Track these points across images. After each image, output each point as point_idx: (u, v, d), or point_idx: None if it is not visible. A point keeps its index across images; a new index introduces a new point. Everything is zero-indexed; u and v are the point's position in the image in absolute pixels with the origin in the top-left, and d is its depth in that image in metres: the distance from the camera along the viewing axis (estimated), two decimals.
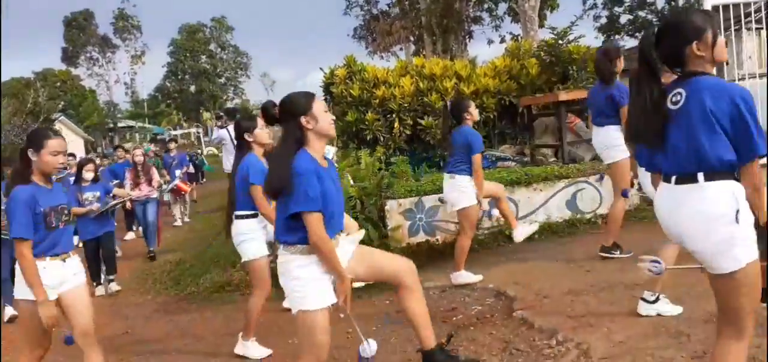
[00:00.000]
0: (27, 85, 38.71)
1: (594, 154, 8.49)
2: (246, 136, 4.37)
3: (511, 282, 5.24)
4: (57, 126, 37.22)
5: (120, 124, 54.96)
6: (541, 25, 20.21)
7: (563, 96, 8.23)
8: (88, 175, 7.17)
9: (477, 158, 5.23)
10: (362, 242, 3.63)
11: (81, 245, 8.41)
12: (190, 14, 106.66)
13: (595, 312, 4.20)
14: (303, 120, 2.91)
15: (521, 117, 9.81)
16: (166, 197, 11.90)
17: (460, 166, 5.34)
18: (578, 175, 7.24)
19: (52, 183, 3.56)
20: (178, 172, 11.74)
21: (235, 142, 4.74)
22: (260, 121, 4.36)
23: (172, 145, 13.75)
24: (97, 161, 11.74)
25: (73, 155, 10.96)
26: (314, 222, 2.84)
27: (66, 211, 3.55)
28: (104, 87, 62.55)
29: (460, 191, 5.35)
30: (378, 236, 6.15)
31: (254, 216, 4.35)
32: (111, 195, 7.47)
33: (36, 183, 3.44)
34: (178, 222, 12.24)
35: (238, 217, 4.36)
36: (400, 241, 6.44)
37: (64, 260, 3.49)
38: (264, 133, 4.43)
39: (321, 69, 10.31)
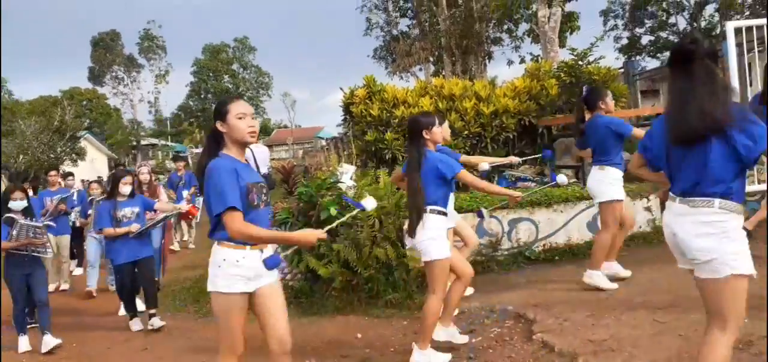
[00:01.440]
0: (54, 103, 39.52)
1: None
2: (424, 134, 4.26)
3: (531, 305, 5.19)
4: (82, 143, 38.00)
5: (143, 142, 55.78)
6: (562, 46, 20.21)
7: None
8: (125, 189, 6.31)
9: (638, 132, 5.11)
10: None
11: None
12: (213, 35, 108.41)
13: (617, 337, 4.13)
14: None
15: (541, 137, 9.76)
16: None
17: (608, 158, 5.27)
18: None
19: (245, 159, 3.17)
20: (185, 193, 10.70)
21: (410, 138, 4.56)
22: (437, 119, 4.40)
23: (180, 163, 12.51)
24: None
25: (71, 174, 10.87)
26: None
27: (265, 190, 3.16)
28: (129, 105, 63.61)
29: (610, 184, 5.26)
30: (396, 256, 6.13)
31: (444, 214, 4.25)
32: (153, 210, 6.74)
33: (232, 157, 3.07)
34: (175, 247, 11.43)
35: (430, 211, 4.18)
36: (419, 261, 6.40)
37: (261, 249, 3.07)
38: (440, 132, 4.39)
39: (341, 89, 10.40)
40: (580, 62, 9.30)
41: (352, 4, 53.86)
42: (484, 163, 6.10)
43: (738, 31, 7.08)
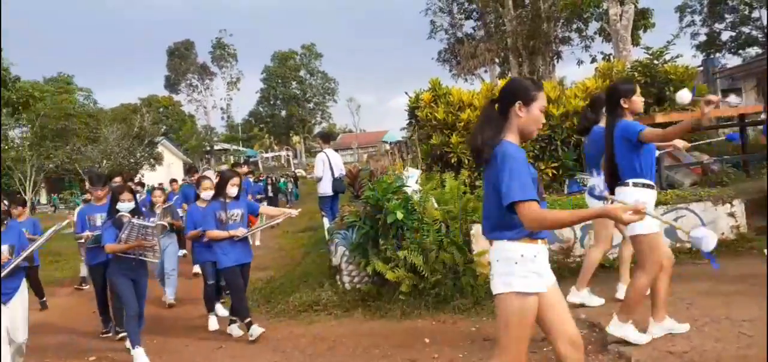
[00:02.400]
0: (134, 110, 41.71)
1: (694, 179, 8.03)
2: (622, 102, 4.16)
3: (606, 314, 5.00)
4: (159, 149, 39.89)
5: (216, 147, 57.95)
6: (636, 44, 19.43)
7: (660, 118, 7.84)
8: (232, 190, 5.98)
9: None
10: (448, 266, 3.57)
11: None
12: (282, 42, 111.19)
13: (699, 349, 3.92)
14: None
15: None
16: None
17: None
18: (678, 201, 6.84)
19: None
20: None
21: (608, 107, 4.29)
22: (637, 88, 4.23)
23: (244, 169, 11.73)
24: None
25: (141, 185, 10.81)
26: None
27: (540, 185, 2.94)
28: (202, 112, 66.49)
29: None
30: (463, 260, 6.08)
31: (649, 186, 4.08)
32: (256, 214, 6.56)
33: (517, 145, 2.86)
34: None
35: (633, 185, 4.03)
36: (486, 267, 6.32)
37: (545, 245, 2.89)
38: (640, 101, 4.24)
39: (406, 93, 10.41)
40: (655, 61, 8.91)
41: (417, 7, 53.94)
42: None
43: None
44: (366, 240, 6.49)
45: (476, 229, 6.41)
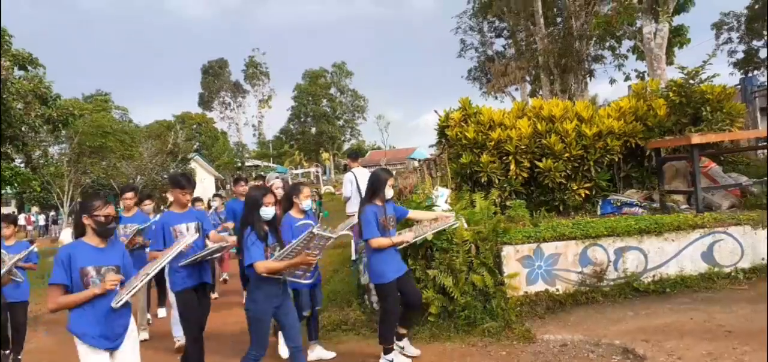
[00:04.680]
0: (168, 127, 42.54)
1: (732, 201, 7.79)
2: None
3: (640, 340, 4.87)
4: (192, 165, 40.57)
5: (247, 163, 58.70)
6: (670, 62, 19.07)
7: (696, 139, 7.65)
8: (305, 203, 5.55)
9: None
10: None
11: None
12: (313, 60, 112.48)
13: None
14: None
15: (649, 160, 9.23)
16: None
17: None
18: (715, 224, 6.64)
19: None
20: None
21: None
22: None
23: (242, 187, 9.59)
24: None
25: (199, 199, 9.79)
26: None
27: None
28: (234, 129, 67.58)
29: None
30: (493, 283, 5.99)
31: None
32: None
33: None
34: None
35: None
36: (517, 289, 6.23)
37: None
38: None
39: (436, 111, 10.38)
40: (691, 81, 8.72)
41: (447, 26, 54.07)
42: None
43: None
44: None
45: (507, 251, 6.33)
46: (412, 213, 5.71)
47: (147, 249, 6.78)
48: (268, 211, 4.46)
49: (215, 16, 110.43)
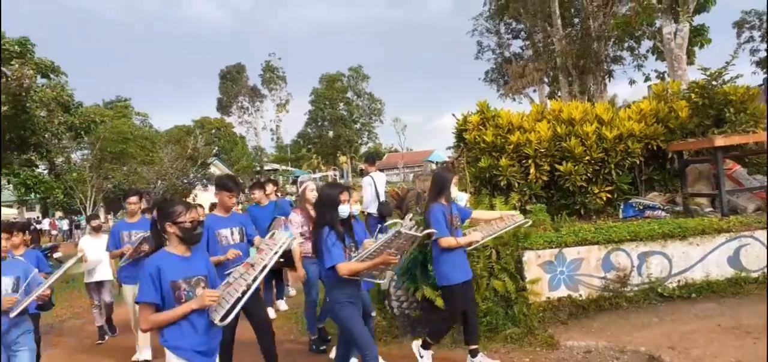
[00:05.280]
0: (187, 132, 42.96)
1: (758, 204, 7.65)
2: None
3: (666, 346, 4.80)
4: (211, 169, 40.90)
5: (266, 167, 59.07)
6: (690, 62, 18.82)
7: (720, 141, 7.53)
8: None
9: None
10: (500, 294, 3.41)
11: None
12: (330, 64, 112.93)
13: None
14: None
15: (671, 162, 9.11)
16: None
17: None
18: (741, 228, 6.53)
19: None
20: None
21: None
22: None
23: (270, 187, 8.91)
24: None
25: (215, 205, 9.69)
26: None
27: None
28: (253, 133, 68.02)
29: None
30: (515, 288, 5.94)
31: None
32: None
33: None
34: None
35: None
36: (539, 295, 6.18)
37: None
38: None
39: (453, 115, 10.34)
40: (713, 82, 8.58)
41: (463, 28, 53.93)
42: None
43: None
44: (415, 266, 6.43)
45: (528, 256, 6.29)
46: (476, 214, 5.54)
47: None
48: (345, 209, 4.26)
49: (233, 22, 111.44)
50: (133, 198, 6.70)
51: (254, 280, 3.46)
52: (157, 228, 3.44)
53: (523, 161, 9.06)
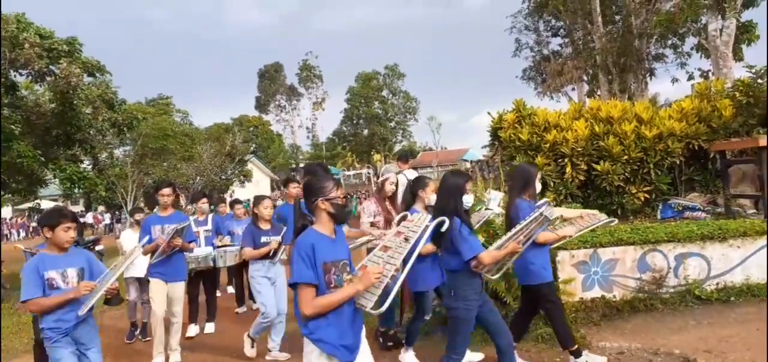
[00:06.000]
0: (226, 130, 43.69)
1: None
2: None
3: (702, 350, 4.69)
4: (249, 166, 41.56)
5: (301, 165, 59.67)
6: (739, 59, 18.21)
7: (764, 141, 7.30)
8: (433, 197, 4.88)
9: None
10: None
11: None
12: (366, 63, 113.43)
13: None
14: None
15: (713, 163, 8.87)
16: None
17: None
18: None
19: None
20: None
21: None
22: None
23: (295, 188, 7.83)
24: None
25: (238, 201, 9.46)
26: None
27: None
28: (289, 131, 68.86)
29: None
30: None
31: None
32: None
33: None
34: None
35: None
36: (573, 295, 6.10)
37: None
38: None
39: (488, 113, 10.28)
40: (759, 80, 8.32)
41: (500, 26, 53.36)
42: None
43: None
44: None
45: (562, 256, 6.21)
46: (559, 210, 5.36)
47: (188, 252, 6.36)
48: (469, 199, 4.03)
49: (273, 24, 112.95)
50: (167, 190, 6.12)
51: (404, 264, 3.14)
52: (307, 204, 3.11)
53: (560, 160, 8.96)
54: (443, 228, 3.63)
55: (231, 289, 9.56)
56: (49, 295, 3.78)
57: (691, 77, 21.25)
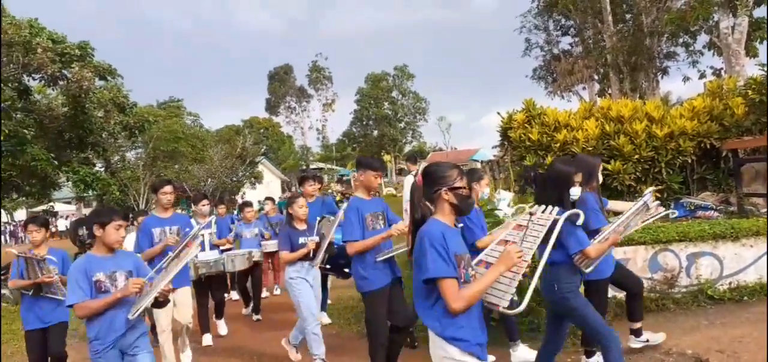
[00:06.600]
0: (237, 132, 43.93)
1: None
2: None
3: (714, 350, 4.66)
4: (259, 168, 41.73)
5: (311, 166, 59.85)
6: (753, 55, 18.04)
7: None
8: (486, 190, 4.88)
9: None
10: None
11: None
12: (375, 64, 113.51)
13: None
14: None
15: (725, 161, 8.79)
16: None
17: None
18: None
19: None
20: None
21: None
22: None
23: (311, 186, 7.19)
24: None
25: (249, 204, 9.45)
26: None
27: None
28: (299, 133, 69.03)
29: None
30: None
31: None
32: None
33: None
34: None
35: None
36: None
37: None
38: None
39: (498, 113, 10.26)
40: None
41: (510, 25, 53.22)
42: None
43: None
44: None
45: None
46: (611, 204, 5.14)
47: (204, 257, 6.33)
48: (576, 191, 3.77)
49: (283, 26, 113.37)
50: (169, 188, 5.78)
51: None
52: (427, 194, 2.91)
53: None
54: (579, 222, 3.50)
55: (235, 295, 9.34)
56: (96, 299, 3.59)
57: (703, 75, 21.08)
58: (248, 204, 9.43)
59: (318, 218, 6.16)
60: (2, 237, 40.18)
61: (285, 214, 5.87)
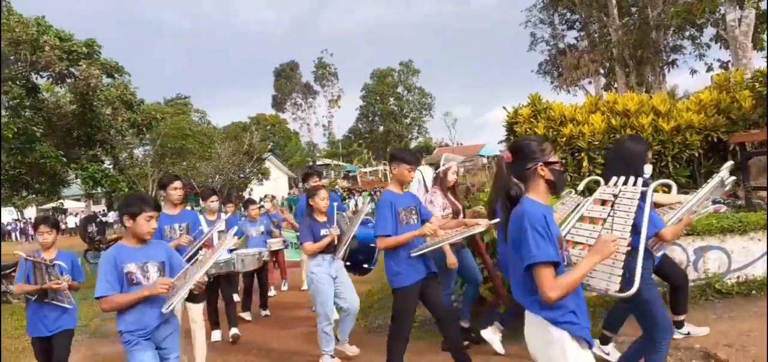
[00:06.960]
0: (244, 128, 44.00)
1: None
2: None
3: (723, 344, 4.66)
4: (266, 164, 41.81)
5: (318, 162, 59.91)
6: (760, 48, 17.94)
7: None
8: None
9: None
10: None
11: None
12: (381, 60, 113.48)
13: None
14: None
15: (732, 155, 8.76)
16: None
17: None
18: None
19: None
20: None
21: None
22: None
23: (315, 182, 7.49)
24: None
25: (253, 202, 9.46)
26: None
27: None
28: (306, 129, 69.23)
29: None
30: None
31: None
32: None
33: None
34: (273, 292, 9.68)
35: None
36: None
37: None
38: None
39: (504, 108, 10.25)
40: None
41: (515, 20, 53.03)
42: None
43: None
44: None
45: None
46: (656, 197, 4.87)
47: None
48: (649, 169, 3.44)
49: (287, 23, 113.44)
50: (178, 184, 5.73)
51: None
52: (517, 172, 2.71)
53: (576, 154, 8.92)
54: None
55: (236, 297, 8.82)
56: (127, 292, 3.48)
57: (710, 68, 20.98)
58: (252, 201, 9.39)
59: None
60: (12, 234, 40.49)
61: (305, 206, 5.84)
